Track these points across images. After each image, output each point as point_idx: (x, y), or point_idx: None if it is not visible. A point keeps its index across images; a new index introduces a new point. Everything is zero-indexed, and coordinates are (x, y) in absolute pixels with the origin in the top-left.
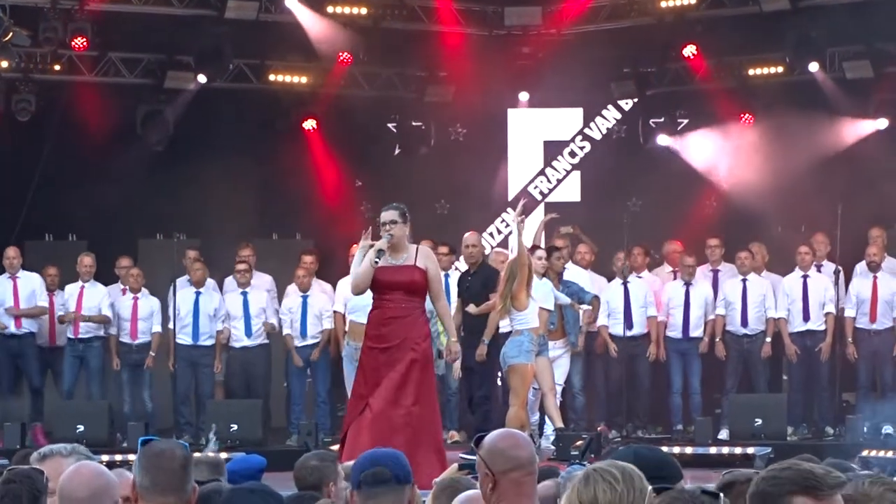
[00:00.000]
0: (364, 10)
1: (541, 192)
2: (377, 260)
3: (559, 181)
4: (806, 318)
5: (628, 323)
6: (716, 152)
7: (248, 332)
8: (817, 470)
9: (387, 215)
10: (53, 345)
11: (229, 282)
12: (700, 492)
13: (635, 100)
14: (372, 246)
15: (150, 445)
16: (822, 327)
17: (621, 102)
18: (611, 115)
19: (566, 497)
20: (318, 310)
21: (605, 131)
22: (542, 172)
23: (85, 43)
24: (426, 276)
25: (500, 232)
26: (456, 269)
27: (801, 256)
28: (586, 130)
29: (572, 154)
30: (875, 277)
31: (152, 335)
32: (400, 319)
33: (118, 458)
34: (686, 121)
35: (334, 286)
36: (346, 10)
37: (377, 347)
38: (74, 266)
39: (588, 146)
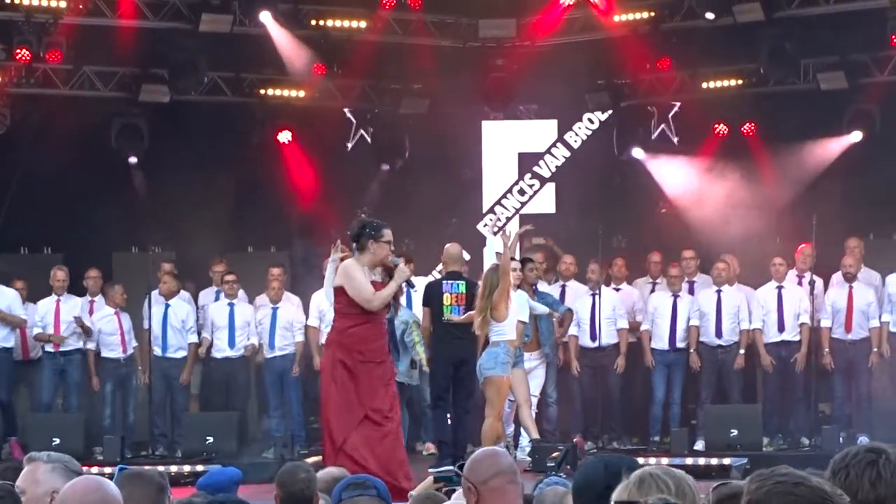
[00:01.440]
0: (339, 24)
1: (515, 204)
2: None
3: (534, 193)
4: (781, 328)
5: (594, 334)
6: (688, 167)
7: (232, 343)
8: (827, 488)
9: (390, 234)
10: (27, 358)
11: (205, 294)
12: None
13: (610, 112)
14: (342, 259)
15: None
16: (797, 338)
17: (596, 114)
18: (585, 126)
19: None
20: (288, 321)
21: (579, 143)
22: (516, 184)
23: (59, 56)
24: None
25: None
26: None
27: (776, 268)
28: (561, 142)
29: (547, 166)
30: (851, 288)
31: (134, 349)
32: (385, 335)
33: (94, 470)
34: (659, 133)
35: (308, 299)
36: (322, 23)
37: (372, 361)
38: (48, 279)
39: (563, 158)
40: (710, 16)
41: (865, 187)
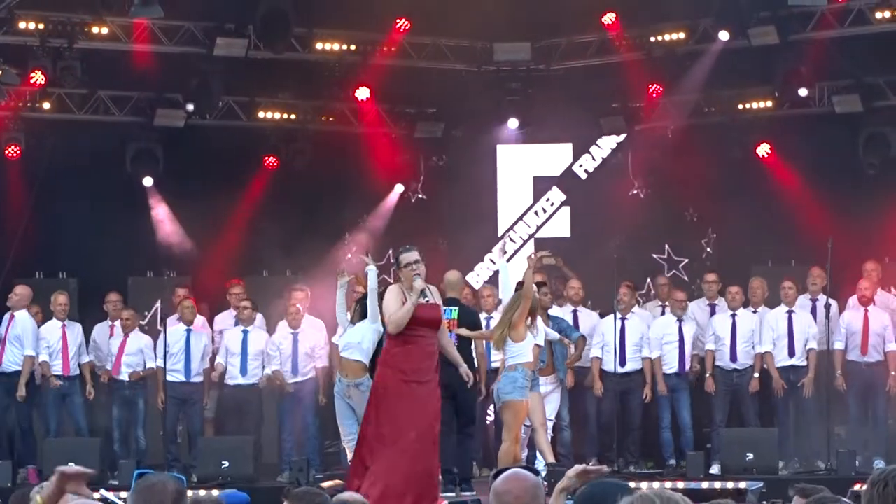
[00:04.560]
0: (353, 47)
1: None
2: (427, 298)
3: (549, 217)
4: (791, 353)
5: (622, 359)
6: (704, 189)
7: (244, 371)
8: None
9: (411, 256)
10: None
11: (221, 319)
12: None
13: (624, 135)
14: (347, 281)
15: (143, 478)
16: (805, 363)
17: (610, 137)
18: (600, 149)
19: None
20: (310, 347)
21: (594, 166)
22: (531, 208)
23: (74, 81)
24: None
25: (487, 269)
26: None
27: (785, 291)
28: (576, 166)
29: (562, 189)
30: (866, 311)
31: (146, 370)
32: (433, 355)
33: (111, 495)
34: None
35: (325, 321)
36: (335, 47)
37: (416, 381)
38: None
39: (578, 181)
40: (724, 36)
41: (879, 210)
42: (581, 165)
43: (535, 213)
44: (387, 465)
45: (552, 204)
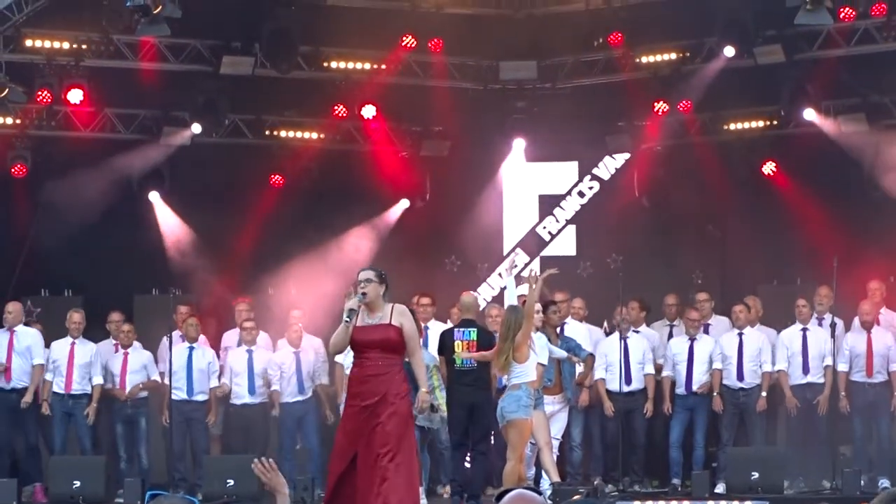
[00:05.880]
0: (360, 66)
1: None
2: (348, 319)
3: (554, 235)
4: (805, 370)
5: (627, 378)
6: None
7: (252, 390)
8: None
9: (363, 275)
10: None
11: (227, 337)
12: None
13: (630, 154)
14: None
15: (156, 500)
16: (822, 380)
17: (616, 156)
18: (606, 168)
19: None
20: (309, 365)
21: (600, 185)
22: (537, 226)
23: (81, 99)
24: (401, 334)
25: (491, 287)
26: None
27: (799, 309)
28: (581, 184)
29: (568, 208)
30: (869, 333)
31: (149, 381)
32: (378, 377)
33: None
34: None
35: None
36: (343, 65)
37: (358, 405)
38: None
39: (584, 200)
40: (729, 51)
41: (884, 229)
42: (587, 184)
43: (542, 231)
44: (333, 484)
45: (558, 222)
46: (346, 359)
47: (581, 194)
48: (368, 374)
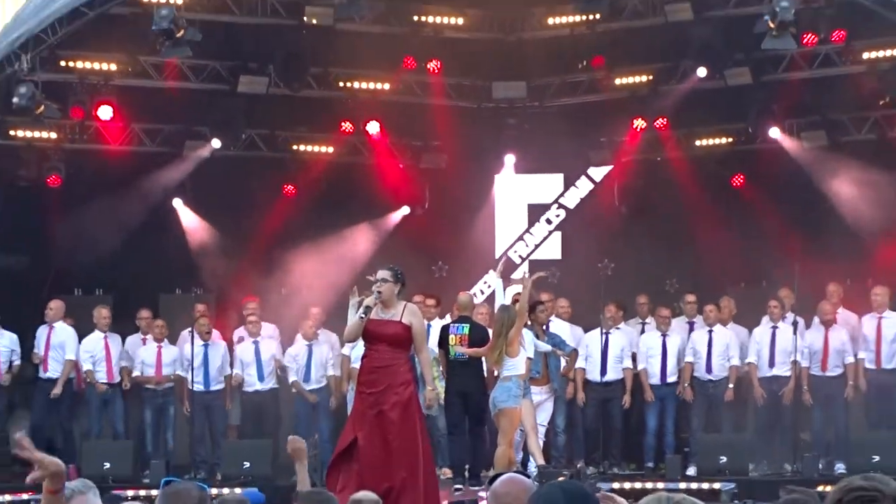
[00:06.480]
0: (366, 85)
1: (524, 252)
2: (363, 315)
3: (541, 241)
4: (772, 364)
5: (603, 370)
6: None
7: (261, 377)
8: None
9: (380, 274)
10: (79, 389)
11: (238, 332)
12: None
13: (611, 166)
14: (361, 301)
15: (170, 486)
16: (787, 373)
17: (598, 168)
18: (589, 179)
19: None
20: (323, 358)
21: (583, 195)
22: (526, 233)
23: (110, 115)
24: (410, 331)
25: (482, 293)
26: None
27: (771, 309)
28: (566, 194)
29: (554, 216)
30: (827, 331)
31: (173, 376)
32: (384, 368)
33: (142, 493)
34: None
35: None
36: (349, 84)
37: (366, 392)
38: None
39: (568, 209)
40: (702, 73)
41: (842, 236)
42: (571, 194)
43: (530, 237)
44: (337, 453)
45: (545, 228)
46: (354, 351)
47: (565, 204)
48: (376, 365)
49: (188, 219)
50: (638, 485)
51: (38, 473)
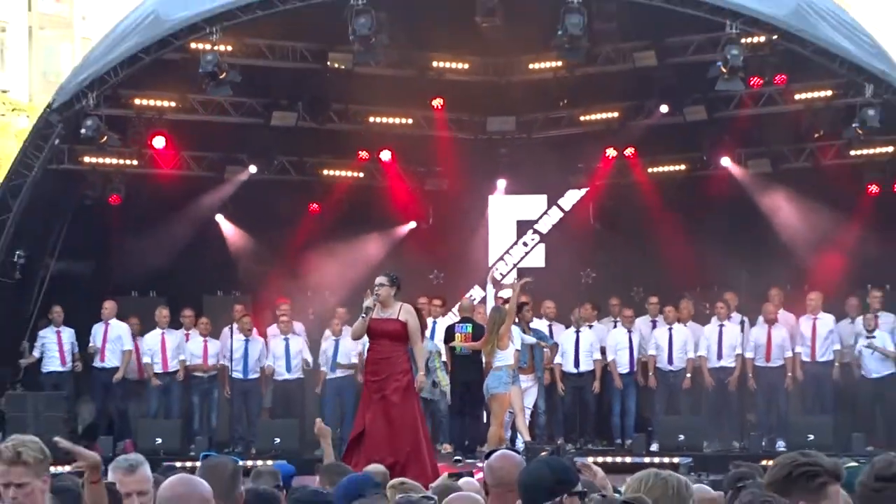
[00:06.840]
0: (382, 120)
1: (513, 261)
2: (364, 315)
3: (528, 251)
4: (720, 357)
5: (576, 362)
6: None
7: (289, 369)
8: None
9: (378, 279)
10: (141, 377)
11: (271, 329)
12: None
13: (587, 188)
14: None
15: (208, 459)
16: (733, 364)
17: (576, 190)
18: (568, 199)
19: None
20: (347, 350)
21: (563, 213)
22: (515, 245)
23: (163, 144)
24: (406, 327)
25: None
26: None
27: (718, 310)
28: (549, 212)
29: (539, 230)
30: (770, 328)
31: (218, 369)
32: (386, 360)
33: (189, 464)
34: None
35: None
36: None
37: (371, 380)
38: (153, 317)
39: (551, 224)
40: (664, 110)
41: (782, 248)
42: (553, 212)
43: (518, 248)
44: (353, 436)
45: (531, 241)
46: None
47: (548, 221)
48: (378, 357)
49: (229, 231)
50: (609, 459)
51: (80, 463)
